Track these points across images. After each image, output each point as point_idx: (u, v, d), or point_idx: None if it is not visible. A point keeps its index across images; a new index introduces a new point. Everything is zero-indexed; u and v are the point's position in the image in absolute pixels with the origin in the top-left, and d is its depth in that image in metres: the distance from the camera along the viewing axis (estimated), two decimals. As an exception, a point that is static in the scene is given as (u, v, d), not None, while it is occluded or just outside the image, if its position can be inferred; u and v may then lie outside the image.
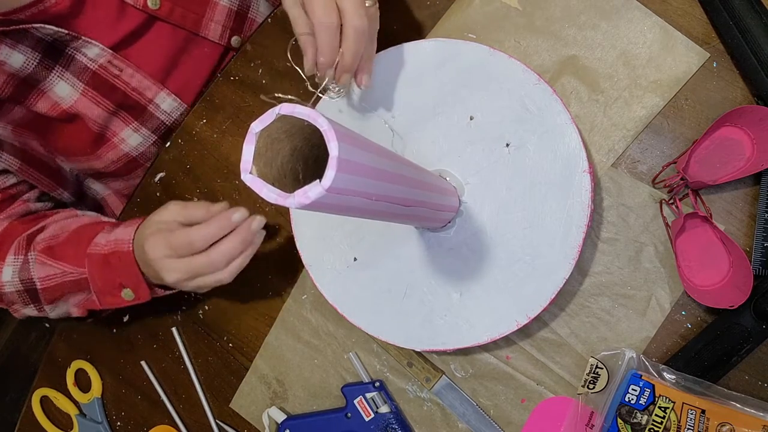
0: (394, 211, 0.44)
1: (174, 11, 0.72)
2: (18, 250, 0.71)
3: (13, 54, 0.65)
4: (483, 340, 0.58)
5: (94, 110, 0.73)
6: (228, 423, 0.73)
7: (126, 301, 0.67)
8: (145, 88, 0.75)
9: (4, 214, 0.75)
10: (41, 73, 0.68)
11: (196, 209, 0.62)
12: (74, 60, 0.70)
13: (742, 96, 0.57)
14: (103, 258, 0.65)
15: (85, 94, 0.72)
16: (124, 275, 0.65)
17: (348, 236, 0.63)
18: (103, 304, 0.69)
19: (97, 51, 0.70)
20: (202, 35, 0.76)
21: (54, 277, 0.69)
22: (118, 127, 0.77)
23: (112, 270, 0.65)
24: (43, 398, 0.81)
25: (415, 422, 0.65)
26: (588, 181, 0.55)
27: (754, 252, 0.55)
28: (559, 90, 0.61)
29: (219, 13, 0.76)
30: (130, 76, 0.73)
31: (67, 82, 0.70)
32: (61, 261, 0.68)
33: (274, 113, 0.35)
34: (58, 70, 0.69)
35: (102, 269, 0.66)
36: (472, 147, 0.59)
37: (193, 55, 0.77)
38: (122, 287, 0.66)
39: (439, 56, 0.61)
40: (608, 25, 0.61)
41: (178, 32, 0.75)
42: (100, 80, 0.72)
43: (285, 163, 0.39)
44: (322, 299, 0.64)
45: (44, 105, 0.71)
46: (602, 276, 0.60)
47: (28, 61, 0.66)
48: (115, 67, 0.72)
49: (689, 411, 0.53)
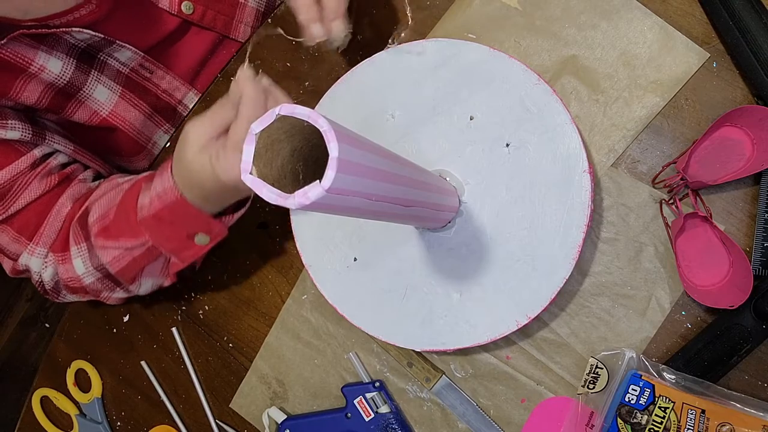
0: (394, 212, 0.44)
1: (206, 14, 0.73)
2: (77, 239, 0.67)
3: (50, 60, 0.64)
4: (483, 340, 0.58)
5: (131, 113, 0.73)
6: (228, 423, 0.73)
7: (205, 247, 0.62)
8: (174, 89, 0.75)
9: (66, 195, 0.70)
10: (80, 78, 0.68)
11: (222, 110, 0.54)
12: (107, 65, 0.70)
13: (742, 96, 0.57)
14: (156, 217, 0.60)
15: (123, 97, 0.72)
16: (187, 224, 0.60)
17: (348, 236, 0.63)
18: (185, 261, 0.64)
19: (129, 54, 0.70)
20: (231, 37, 0.76)
21: (122, 258, 0.64)
22: (152, 131, 0.78)
23: (171, 225, 0.60)
24: (44, 398, 0.81)
25: (415, 422, 0.65)
26: (588, 181, 0.55)
27: (754, 252, 0.55)
28: (559, 90, 0.61)
29: (248, 14, 0.77)
30: (160, 78, 0.74)
31: (105, 85, 0.70)
32: (120, 239, 0.63)
33: (274, 114, 0.35)
34: (95, 75, 0.69)
35: (162, 229, 0.60)
36: (472, 147, 0.59)
37: (220, 56, 0.78)
38: (192, 236, 0.61)
39: (439, 56, 0.61)
40: (608, 25, 0.61)
41: (208, 34, 0.75)
42: (133, 83, 0.72)
43: (285, 163, 0.39)
44: (322, 299, 0.64)
45: (83, 115, 0.70)
46: (602, 276, 0.60)
47: (65, 67, 0.66)
48: (146, 70, 0.72)
49: (689, 411, 0.53)
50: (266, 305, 0.72)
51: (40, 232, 0.69)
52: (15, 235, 0.69)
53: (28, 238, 0.69)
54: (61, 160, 0.71)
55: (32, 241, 0.69)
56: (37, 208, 0.69)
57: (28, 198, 0.68)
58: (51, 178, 0.69)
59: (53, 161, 0.70)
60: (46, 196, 0.69)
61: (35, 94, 0.65)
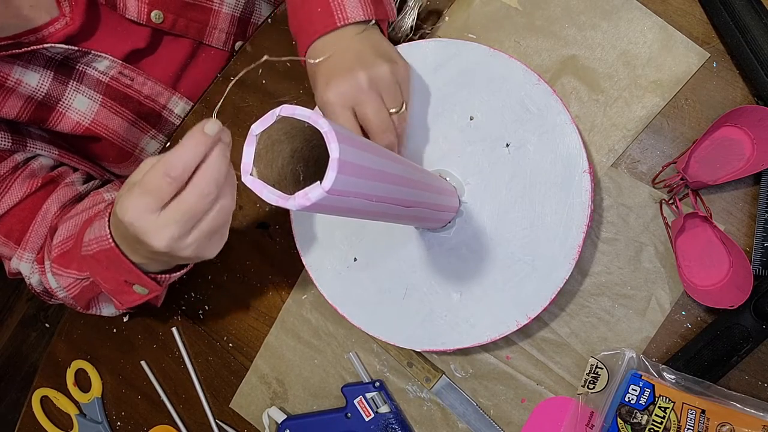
0: (394, 212, 0.44)
1: (177, 22, 0.72)
2: (48, 254, 0.67)
3: (27, 73, 0.64)
4: (483, 340, 0.58)
5: (114, 120, 0.73)
6: (228, 423, 0.73)
7: (143, 297, 0.59)
8: (157, 94, 0.75)
9: (52, 199, 0.69)
10: (57, 89, 0.68)
11: (171, 153, 0.44)
12: (86, 75, 0.70)
13: (742, 96, 0.57)
14: (94, 259, 0.57)
15: (104, 105, 0.72)
16: (121, 272, 0.56)
17: (348, 236, 0.63)
18: (124, 304, 0.61)
19: (107, 63, 0.70)
20: (206, 43, 0.76)
21: (74, 285, 0.65)
22: (138, 137, 0.78)
23: (107, 270, 0.57)
24: (44, 398, 0.81)
25: (415, 422, 0.65)
26: (588, 182, 0.55)
27: (754, 252, 0.55)
28: (559, 90, 0.61)
29: (222, 20, 0.76)
30: (141, 84, 0.74)
31: (84, 95, 0.70)
32: (70, 268, 0.64)
33: (274, 115, 0.35)
34: (74, 85, 0.69)
35: (99, 271, 0.58)
36: (472, 147, 0.59)
37: (201, 61, 0.78)
38: (129, 284, 0.58)
39: (439, 56, 0.61)
40: (608, 25, 0.61)
41: (183, 41, 0.75)
42: (114, 91, 0.72)
43: (285, 164, 0.39)
44: (322, 299, 0.64)
45: (66, 125, 0.70)
46: (602, 276, 0.60)
47: (42, 79, 0.66)
48: (126, 77, 0.72)
49: (689, 411, 0.53)
50: (266, 305, 0.72)
51: (26, 237, 0.69)
52: (3, 239, 0.70)
53: (16, 242, 0.70)
54: (45, 163, 0.72)
55: (20, 246, 0.70)
56: (20, 213, 0.69)
57: (10, 201, 0.68)
58: (34, 181, 0.69)
59: (36, 163, 0.70)
60: (29, 200, 0.69)
61: (15, 109, 0.65)
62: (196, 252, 0.48)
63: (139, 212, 0.45)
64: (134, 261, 0.54)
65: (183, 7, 0.71)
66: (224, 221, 0.47)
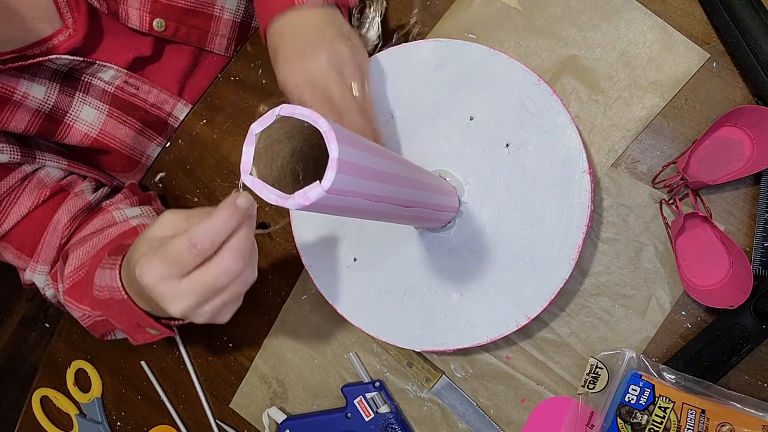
0: (394, 212, 0.44)
1: (179, 30, 0.72)
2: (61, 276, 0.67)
3: (33, 86, 0.65)
4: (483, 340, 0.58)
5: (121, 130, 0.74)
6: (228, 423, 0.73)
7: (157, 336, 0.60)
8: (162, 101, 0.76)
9: (62, 210, 0.69)
10: (64, 101, 0.68)
11: (201, 225, 0.43)
12: (92, 86, 0.70)
13: (742, 96, 0.57)
14: (106, 304, 0.57)
15: (111, 115, 0.72)
16: (133, 317, 0.56)
17: (348, 236, 0.63)
18: (138, 341, 0.62)
19: (112, 73, 0.70)
20: (208, 49, 0.76)
21: (87, 318, 0.65)
22: (144, 145, 0.78)
23: (120, 314, 0.57)
24: (43, 398, 0.81)
25: (415, 422, 0.65)
26: (588, 182, 0.55)
27: (754, 252, 0.55)
28: (559, 90, 0.61)
29: (223, 26, 0.77)
30: (147, 92, 0.74)
31: (91, 106, 0.71)
32: (83, 303, 0.63)
33: (274, 114, 0.35)
34: (80, 96, 0.70)
35: (112, 314, 0.59)
36: (472, 147, 0.59)
37: (203, 67, 0.78)
38: (142, 327, 0.58)
39: (439, 56, 0.61)
40: (608, 26, 0.61)
41: (185, 48, 0.75)
42: (120, 101, 0.73)
43: (285, 164, 0.39)
44: (322, 299, 0.64)
45: (74, 137, 0.71)
46: (602, 276, 0.60)
47: (49, 92, 0.66)
48: (131, 86, 0.72)
49: (689, 411, 0.53)
50: (266, 305, 0.72)
51: (38, 249, 0.70)
52: (16, 252, 0.70)
53: (29, 254, 0.70)
54: (52, 172, 0.72)
55: (33, 259, 0.70)
56: (31, 224, 0.69)
57: (20, 213, 0.68)
58: (42, 191, 0.69)
59: (43, 172, 0.71)
60: (39, 210, 0.69)
61: (23, 123, 0.65)
62: (210, 319, 0.47)
63: (158, 279, 0.44)
64: (147, 311, 0.54)
65: (184, 14, 0.72)
66: (243, 292, 0.47)
